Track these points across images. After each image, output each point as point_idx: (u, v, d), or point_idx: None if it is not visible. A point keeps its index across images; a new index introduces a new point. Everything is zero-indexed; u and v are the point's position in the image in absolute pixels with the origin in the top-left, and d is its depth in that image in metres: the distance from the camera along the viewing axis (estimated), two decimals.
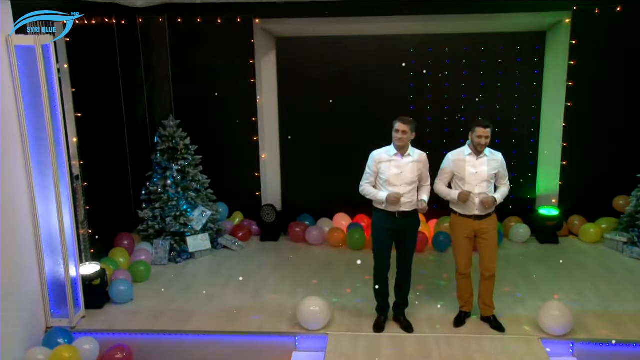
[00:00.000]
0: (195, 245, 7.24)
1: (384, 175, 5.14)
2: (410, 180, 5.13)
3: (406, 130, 5.04)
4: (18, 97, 5.02)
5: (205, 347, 5.42)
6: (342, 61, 7.70)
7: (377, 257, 5.34)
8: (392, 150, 5.16)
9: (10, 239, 4.99)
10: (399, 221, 5.17)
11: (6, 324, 4.90)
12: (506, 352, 4.97)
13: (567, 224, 7.80)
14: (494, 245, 5.30)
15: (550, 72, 7.55)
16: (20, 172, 5.13)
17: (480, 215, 5.21)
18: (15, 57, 4.89)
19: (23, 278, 5.17)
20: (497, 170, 5.23)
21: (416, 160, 5.17)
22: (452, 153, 5.33)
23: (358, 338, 5.26)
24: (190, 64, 7.73)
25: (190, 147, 7.37)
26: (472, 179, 5.18)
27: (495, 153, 5.28)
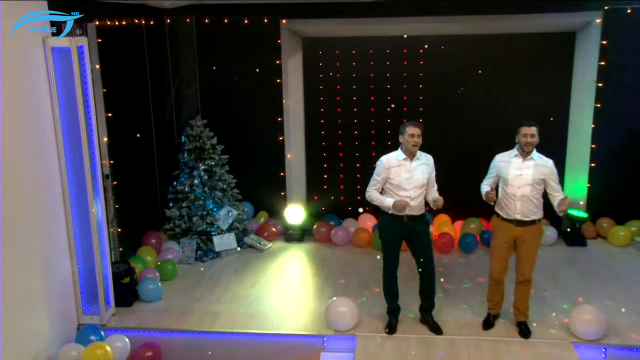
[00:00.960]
0: (222, 244, 7.28)
1: (394, 180, 5.13)
2: (421, 183, 5.13)
3: (420, 134, 5.04)
4: (53, 98, 5.09)
5: (232, 347, 5.45)
6: (368, 62, 7.70)
7: (385, 259, 5.33)
8: (400, 154, 5.16)
9: (44, 236, 5.07)
10: (407, 225, 5.15)
11: (40, 320, 4.99)
12: (537, 356, 4.92)
13: (596, 227, 7.70)
14: (534, 252, 5.15)
15: (580, 73, 7.46)
16: (54, 171, 5.20)
17: (523, 221, 5.05)
18: (51, 58, 4.96)
19: (56, 275, 5.24)
20: (543, 177, 5.02)
21: (424, 163, 5.17)
22: (499, 154, 5.23)
23: (386, 339, 5.25)
24: (217, 64, 7.77)
25: (217, 146, 7.42)
26: (514, 181, 5.04)
27: (546, 159, 5.09)
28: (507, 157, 5.14)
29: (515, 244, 5.16)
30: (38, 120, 4.95)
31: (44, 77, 5.00)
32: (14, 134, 4.63)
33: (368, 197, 5.28)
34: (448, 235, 7.30)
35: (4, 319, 4.49)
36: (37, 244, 4.96)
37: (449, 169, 7.59)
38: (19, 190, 4.69)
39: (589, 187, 7.68)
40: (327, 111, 7.90)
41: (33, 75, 4.87)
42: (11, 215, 4.58)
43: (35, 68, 4.89)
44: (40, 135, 4.99)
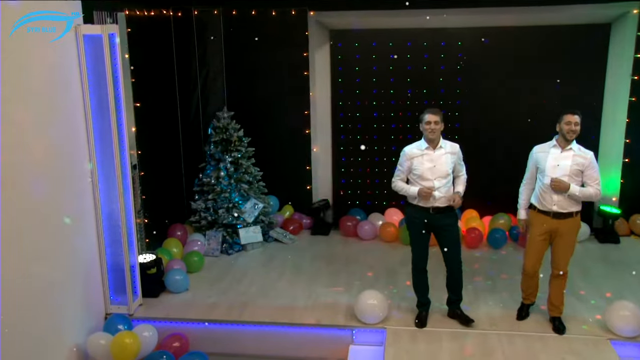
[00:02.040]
0: (247, 237, 7.24)
1: (417, 170, 5.02)
2: (445, 173, 4.99)
3: (437, 121, 4.93)
4: (84, 86, 5.08)
5: (260, 338, 5.40)
6: (396, 54, 7.59)
7: (413, 252, 5.24)
8: (423, 144, 5.05)
9: (74, 225, 5.06)
10: (433, 217, 5.03)
11: (67, 309, 4.97)
12: (573, 352, 4.78)
13: (629, 223, 7.52)
14: (571, 246, 4.99)
15: (614, 65, 7.28)
16: (84, 159, 5.19)
17: (560, 213, 4.90)
18: (83, 45, 4.95)
19: (85, 264, 5.23)
20: (582, 168, 4.86)
21: (449, 151, 5.03)
22: (537, 146, 5.08)
23: (417, 333, 5.15)
24: (244, 56, 7.74)
25: (243, 139, 7.37)
26: (551, 172, 4.88)
27: (585, 151, 4.92)
28: (546, 148, 4.99)
29: (551, 238, 5.02)
30: (70, 108, 4.94)
31: (76, 64, 4.98)
32: (47, 122, 4.63)
33: (393, 187, 5.21)
34: (477, 231, 7.17)
35: (31, 308, 4.49)
36: (66, 232, 4.95)
37: (479, 164, 7.46)
38: (49, 179, 4.68)
39: (622, 182, 7.50)
40: (354, 104, 7.81)
41: (65, 64, 4.85)
42: (41, 205, 4.58)
43: (68, 56, 4.88)
44: (71, 123, 4.98)
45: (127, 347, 4.77)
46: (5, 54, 4.09)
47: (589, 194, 4.90)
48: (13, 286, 4.22)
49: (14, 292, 4.23)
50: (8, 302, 4.16)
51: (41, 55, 4.53)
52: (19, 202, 4.29)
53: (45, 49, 4.59)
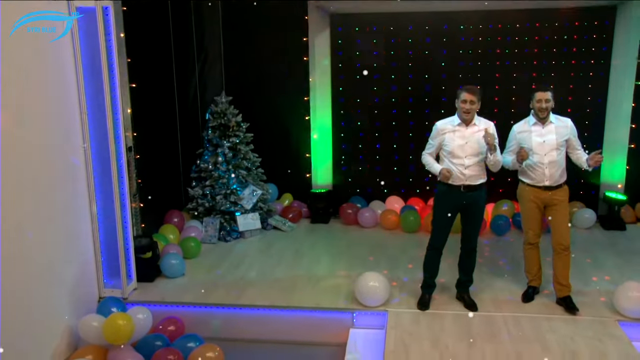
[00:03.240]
0: (245, 224, 7.09)
1: (447, 146, 4.86)
2: (477, 151, 4.82)
3: (474, 100, 4.76)
4: (77, 62, 4.95)
5: (258, 322, 5.24)
6: (398, 39, 7.46)
7: (435, 232, 5.07)
8: (456, 120, 4.89)
9: (67, 208, 4.93)
10: (464, 195, 4.87)
11: (60, 291, 4.84)
12: (581, 333, 4.63)
13: (635, 210, 7.37)
14: (566, 217, 4.97)
15: (620, 49, 7.13)
16: (77, 140, 5.05)
17: (551, 186, 4.90)
18: (76, 20, 4.81)
19: (78, 247, 5.10)
20: (567, 137, 4.88)
21: (483, 128, 4.85)
22: (517, 125, 5.05)
23: (419, 315, 5.00)
24: (243, 41, 7.62)
25: (242, 124, 7.24)
26: (539, 149, 4.86)
27: (563, 119, 4.95)
28: (527, 126, 4.97)
29: (545, 210, 4.98)
30: (63, 86, 4.81)
31: (69, 39, 4.85)
32: (38, 102, 4.49)
33: (422, 159, 5.07)
34: None
35: (24, 290, 4.36)
36: (58, 214, 4.81)
37: None
38: (42, 160, 4.54)
39: (627, 169, 7.36)
40: (355, 90, 7.66)
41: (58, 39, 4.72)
42: (34, 187, 4.44)
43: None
44: (64, 102, 4.85)
45: (120, 328, 4.61)
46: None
47: (585, 158, 4.94)
48: (6, 270, 4.09)
49: (7, 275, 4.10)
50: (1, 285, 4.03)
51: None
52: (11, 185, 4.16)
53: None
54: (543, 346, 4.47)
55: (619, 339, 4.54)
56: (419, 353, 4.42)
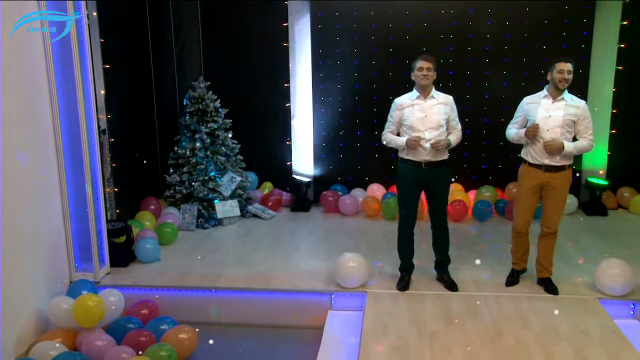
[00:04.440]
0: (224, 211, 6.95)
1: (407, 120, 4.79)
2: (436, 124, 4.75)
3: (430, 67, 4.70)
4: (46, 42, 4.79)
5: (235, 305, 5.11)
6: (378, 25, 7.35)
7: (402, 211, 4.99)
8: (414, 94, 4.83)
9: (37, 190, 4.76)
10: (426, 172, 4.79)
11: (30, 275, 4.67)
12: (562, 311, 4.55)
13: (616, 196, 7.34)
14: (562, 202, 4.77)
15: (600, 33, 7.09)
16: (47, 121, 4.89)
17: (551, 167, 4.67)
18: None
19: (48, 230, 4.93)
20: (576, 118, 4.64)
21: (442, 102, 4.80)
22: (528, 97, 4.85)
23: (399, 296, 4.91)
24: (221, 26, 7.51)
25: (220, 110, 7.10)
26: (543, 123, 4.64)
27: (578, 100, 4.71)
28: (536, 99, 4.76)
29: (542, 193, 4.79)
30: (29, 65, 4.64)
31: (37, 16, 4.69)
32: (3, 81, 4.32)
33: (383, 139, 4.98)
34: (462, 203, 6.94)
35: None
36: (30, 196, 4.65)
37: (464, 139, 7.27)
38: (8, 140, 4.37)
39: (609, 155, 7.33)
40: (335, 76, 7.54)
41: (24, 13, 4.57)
42: (1, 169, 4.28)
43: (27, 5, 4.59)
44: (32, 83, 4.67)
45: (91, 310, 4.46)
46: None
47: (583, 147, 4.73)
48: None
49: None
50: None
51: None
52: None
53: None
54: (523, 323, 4.39)
55: (600, 316, 4.48)
56: (397, 331, 4.32)
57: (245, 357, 4.64)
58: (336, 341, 4.50)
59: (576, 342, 4.10)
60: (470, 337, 4.19)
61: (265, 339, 4.91)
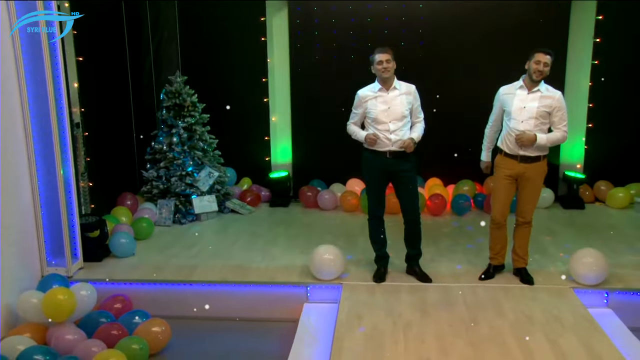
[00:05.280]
0: (202, 206, 6.89)
1: (371, 113, 4.79)
2: (400, 115, 4.75)
3: (389, 59, 4.70)
4: (15, 36, 4.70)
5: (210, 298, 5.05)
6: (357, 18, 7.31)
7: (369, 200, 5.00)
8: (376, 86, 4.83)
9: (7, 184, 4.66)
10: (389, 162, 4.79)
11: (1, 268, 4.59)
12: (537, 301, 4.57)
13: (594, 190, 7.39)
14: (536, 192, 4.80)
15: (576, 28, 7.12)
16: (16, 115, 4.80)
17: (526, 157, 4.68)
18: None
19: (19, 224, 4.85)
20: (550, 110, 4.64)
21: (404, 92, 4.80)
22: (504, 87, 4.85)
23: (375, 287, 4.89)
24: (199, 21, 7.44)
25: (197, 104, 7.04)
26: (518, 114, 4.66)
27: (553, 91, 4.70)
28: (512, 89, 4.77)
29: (517, 183, 4.81)
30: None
31: (5, 12, 4.60)
32: None
33: (348, 131, 5.00)
34: (440, 197, 6.95)
35: None
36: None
37: (442, 133, 7.29)
38: None
39: (586, 148, 7.38)
40: (314, 71, 7.49)
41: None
42: None
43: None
44: (2, 74, 4.60)
45: (61, 303, 4.37)
46: None
47: (557, 138, 4.73)
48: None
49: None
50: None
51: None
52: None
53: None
54: (498, 312, 4.39)
55: (574, 305, 4.49)
56: (372, 322, 4.30)
57: (220, 350, 4.59)
58: (311, 333, 4.46)
59: (549, 330, 4.10)
60: (445, 327, 4.18)
61: (240, 332, 4.86)
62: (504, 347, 3.90)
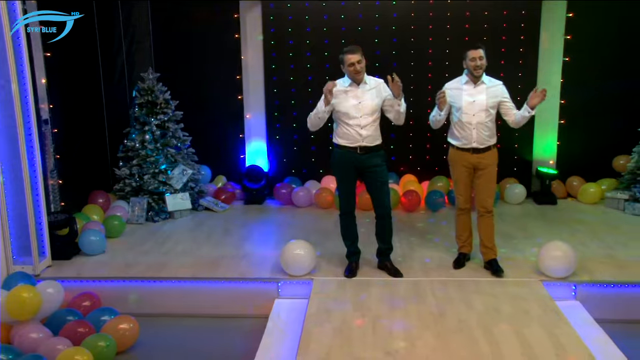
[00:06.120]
0: (175, 204, 6.83)
1: (341, 107, 4.76)
2: (371, 109, 4.75)
3: (360, 59, 4.68)
4: None
5: (181, 295, 5.02)
6: (330, 16, 7.32)
7: (340, 196, 5.00)
8: (346, 81, 4.80)
9: None
10: (360, 157, 4.78)
11: None
12: (506, 293, 4.59)
13: (566, 185, 7.46)
14: (492, 180, 4.95)
15: (547, 26, 7.19)
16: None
17: (479, 149, 4.86)
18: None
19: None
20: (498, 100, 4.84)
21: (374, 87, 4.80)
22: (449, 82, 4.99)
23: (346, 282, 4.88)
24: (172, 18, 7.39)
25: (170, 102, 6.98)
26: (469, 108, 4.82)
27: (495, 81, 4.91)
28: (458, 84, 4.92)
29: (474, 173, 4.95)
30: None
31: None
32: None
33: (308, 123, 4.94)
34: (414, 193, 6.97)
35: None
36: None
37: (415, 132, 7.32)
38: None
39: (558, 144, 7.46)
40: (288, 68, 7.49)
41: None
42: None
43: None
44: None
45: (25, 302, 4.30)
46: None
47: (525, 117, 4.86)
48: None
49: None
50: None
51: None
52: None
53: None
54: (467, 305, 4.41)
55: (542, 297, 4.52)
56: (341, 316, 4.29)
57: (189, 347, 4.55)
58: (281, 328, 4.43)
59: (516, 321, 4.13)
60: (413, 320, 4.18)
61: (210, 329, 4.82)
62: (470, 339, 3.91)
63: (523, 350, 3.75)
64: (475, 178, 4.97)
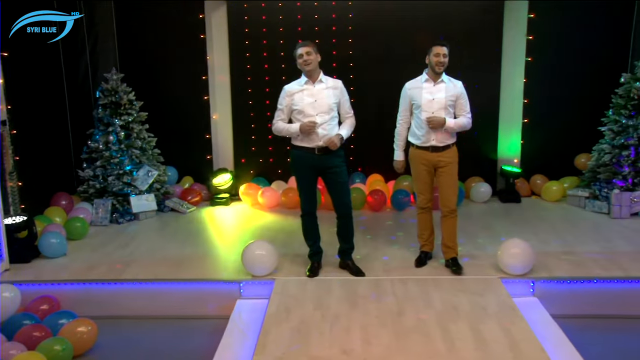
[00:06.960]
0: (140, 205, 6.78)
1: (297, 106, 4.77)
2: (327, 107, 4.75)
3: (310, 52, 4.69)
4: None
5: (142, 297, 4.96)
6: (298, 15, 7.31)
7: (301, 197, 4.99)
8: (302, 79, 4.82)
9: None
10: (319, 159, 4.78)
11: None
12: (465, 290, 4.64)
13: (530, 184, 7.58)
14: (453, 179, 4.97)
15: (510, 26, 7.29)
16: None
17: (438, 147, 4.90)
18: None
19: None
20: (455, 98, 4.90)
21: (331, 86, 4.81)
22: (409, 82, 5.02)
23: (307, 282, 4.88)
24: (136, 18, 7.33)
25: (134, 102, 6.92)
26: (428, 106, 4.86)
27: (455, 81, 4.97)
28: (418, 83, 4.96)
29: (434, 172, 4.99)
30: None
31: None
32: None
33: (274, 129, 4.94)
34: (380, 193, 7.00)
35: None
36: None
37: (381, 132, 7.31)
38: None
39: (522, 143, 7.56)
40: (254, 69, 7.47)
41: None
42: None
43: None
44: None
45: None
46: None
47: (463, 124, 4.95)
48: None
49: None
50: None
51: None
52: None
53: None
54: (426, 303, 4.45)
55: (499, 294, 4.58)
56: (300, 315, 4.29)
57: (148, 349, 4.51)
58: (241, 329, 4.42)
59: (473, 318, 4.18)
60: (372, 319, 4.21)
61: (170, 330, 4.77)
62: (427, 337, 3.94)
63: (477, 346, 3.80)
64: (437, 177, 5.01)
